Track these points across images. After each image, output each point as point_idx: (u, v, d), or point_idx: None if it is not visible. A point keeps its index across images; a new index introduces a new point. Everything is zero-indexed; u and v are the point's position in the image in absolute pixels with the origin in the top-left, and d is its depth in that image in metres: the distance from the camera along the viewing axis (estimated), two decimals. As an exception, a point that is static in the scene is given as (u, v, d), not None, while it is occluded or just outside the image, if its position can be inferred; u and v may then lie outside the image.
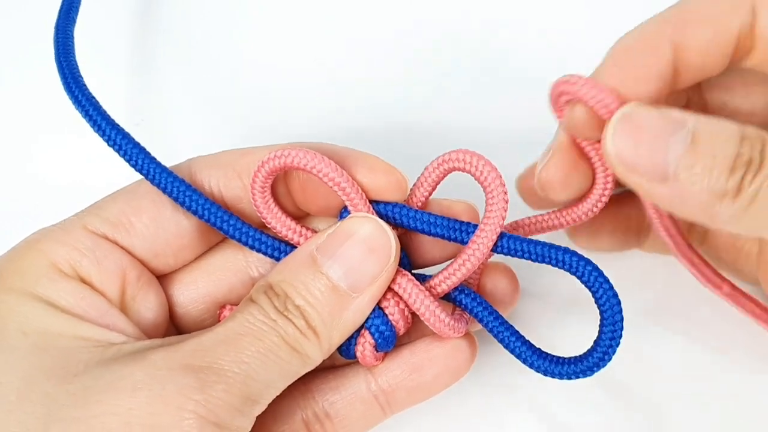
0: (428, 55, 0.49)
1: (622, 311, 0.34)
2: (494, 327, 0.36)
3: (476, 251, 0.35)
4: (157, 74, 0.51)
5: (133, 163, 0.37)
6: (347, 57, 0.50)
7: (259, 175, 0.35)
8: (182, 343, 0.33)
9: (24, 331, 0.34)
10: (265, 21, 0.51)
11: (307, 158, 0.35)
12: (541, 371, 0.36)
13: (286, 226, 0.37)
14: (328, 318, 0.34)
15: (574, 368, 0.35)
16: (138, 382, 0.31)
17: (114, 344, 0.34)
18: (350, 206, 0.36)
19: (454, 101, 0.48)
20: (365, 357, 0.37)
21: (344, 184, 0.35)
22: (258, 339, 0.33)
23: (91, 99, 0.38)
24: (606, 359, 0.34)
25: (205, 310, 0.39)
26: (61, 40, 0.41)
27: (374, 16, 0.51)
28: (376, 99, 0.49)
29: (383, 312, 0.36)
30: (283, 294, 0.34)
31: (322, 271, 0.34)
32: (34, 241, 0.36)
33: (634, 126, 0.33)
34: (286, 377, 0.34)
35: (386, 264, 0.35)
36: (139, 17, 0.52)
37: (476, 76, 0.48)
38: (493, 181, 0.35)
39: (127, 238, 0.37)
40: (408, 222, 0.36)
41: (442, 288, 0.36)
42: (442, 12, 0.50)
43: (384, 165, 0.36)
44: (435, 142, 0.42)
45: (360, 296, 0.35)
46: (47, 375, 0.32)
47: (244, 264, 0.39)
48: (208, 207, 0.36)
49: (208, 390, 0.31)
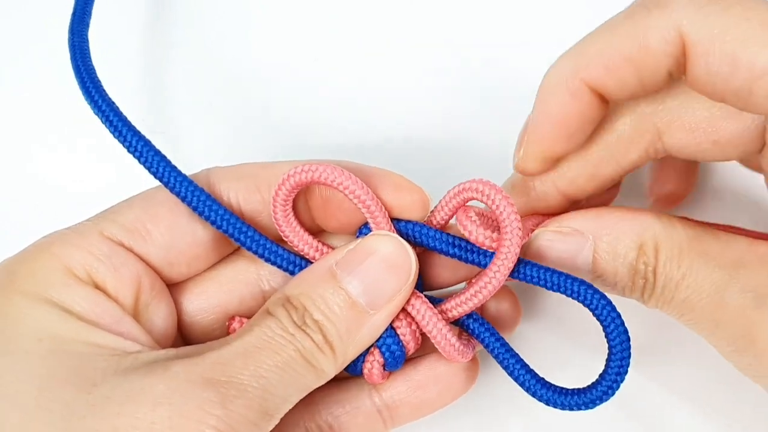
0: (443, 67, 0.50)
1: (630, 348, 0.35)
2: (500, 354, 0.37)
3: (493, 279, 0.36)
4: (169, 80, 0.51)
5: (154, 171, 0.36)
6: (365, 67, 0.50)
7: (283, 188, 0.36)
8: (202, 355, 0.33)
9: (38, 336, 0.33)
10: (282, 30, 0.51)
11: (334, 174, 0.35)
12: (543, 401, 0.36)
13: (303, 240, 0.37)
14: (345, 334, 0.34)
15: (577, 400, 0.35)
16: (159, 395, 0.31)
17: (129, 353, 0.34)
18: (372, 224, 0.36)
19: (468, 115, 0.48)
20: (372, 375, 0.37)
21: (369, 201, 0.35)
22: (275, 353, 0.33)
23: (112, 105, 0.38)
24: (610, 393, 0.35)
25: (214, 321, 0.39)
26: (77, 44, 0.40)
27: (391, 27, 0.52)
28: (390, 108, 0.49)
29: (395, 332, 0.36)
30: (301, 307, 0.34)
31: (341, 286, 0.35)
32: (47, 244, 0.36)
33: (538, 255, 0.37)
34: (300, 391, 0.34)
35: (405, 283, 0.35)
36: (150, 21, 0.52)
37: (488, 94, 0.48)
38: (505, 209, 0.35)
39: (143, 245, 0.37)
40: (428, 241, 0.37)
41: (455, 312, 0.37)
42: (458, 27, 0.51)
43: (409, 183, 0.37)
44: (451, 155, 0.43)
45: (377, 314, 0.35)
46: (64, 383, 0.32)
47: (255, 277, 0.39)
48: (227, 218, 0.36)
49: (228, 405, 0.31)
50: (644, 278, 0.36)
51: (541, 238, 0.37)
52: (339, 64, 0.50)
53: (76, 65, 0.39)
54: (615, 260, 0.36)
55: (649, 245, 0.36)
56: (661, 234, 0.36)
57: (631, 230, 0.36)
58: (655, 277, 0.36)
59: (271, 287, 0.39)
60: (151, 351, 0.34)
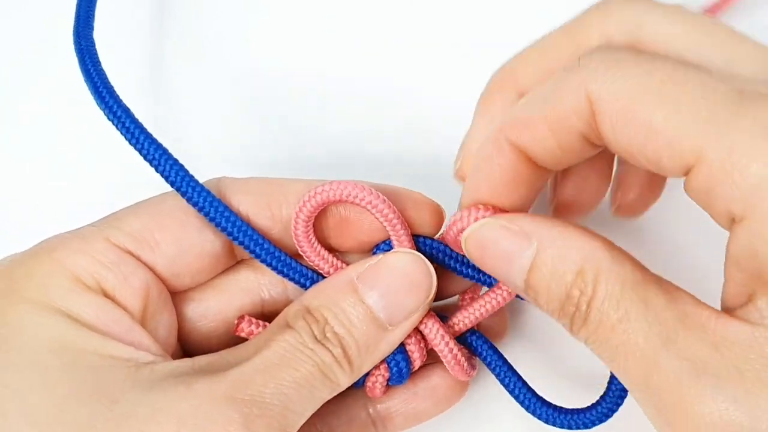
0: (445, 67, 0.51)
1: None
2: (501, 371, 0.38)
3: (499, 296, 0.38)
4: (174, 84, 0.51)
5: (171, 179, 0.36)
6: (374, 67, 0.51)
7: (308, 204, 0.36)
8: (224, 373, 0.33)
9: (50, 348, 0.32)
10: (286, 30, 0.52)
11: (363, 193, 0.36)
12: (543, 419, 0.37)
13: (321, 257, 0.37)
14: (364, 348, 0.35)
15: (576, 419, 0.37)
16: (183, 414, 0.31)
17: (143, 364, 0.33)
18: (396, 241, 0.37)
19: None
20: (375, 389, 0.38)
21: (395, 220, 0.36)
22: (295, 369, 0.33)
23: (126, 110, 0.37)
24: (610, 414, 0.36)
25: (214, 328, 0.39)
26: (85, 48, 0.40)
27: (395, 26, 0.52)
28: (394, 107, 0.50)
29: (405, 348, 0.37)
30: (322, 320, 0.34)
31: (362, 300, 0.35)
32: (50, 249, 0.35)
33: (479, 243, 0.35)
34: (315, 405, 0.34)
35: (424, 301, 0.36)
36: (151, 21, 0.52)
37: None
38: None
39: (151, 255, 0.36)
40: (444, 259, 0.38)
41: (460, 327, 0.38)
42: (466, 31, 0.52)
43: (427, 200, 0.38)
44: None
45: (395, 330, 0.36)
46: (82, 398, 0.31)
47: (255, 285, 0.39)
48: (244, 229, 0.36)
49: (251, 425, 0.31)
50: (576, 307, 0.32)
51: (488, 228, 0.35)
52: (347, 64, 0.51)
53: (86, 69, 0.39)
54: (551, 277, 0.33)
55: (589, 274, 0.32)
56: (606, 265, 0.32)
57: (577, 251, 0.32)
58: (588, 310, 0.32)
59: (271, 296, 0.40)
60: (166, 362, 0.34)
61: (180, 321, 0.39)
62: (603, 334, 0.32)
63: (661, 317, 0.31)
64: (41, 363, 0.32)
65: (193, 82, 0.51)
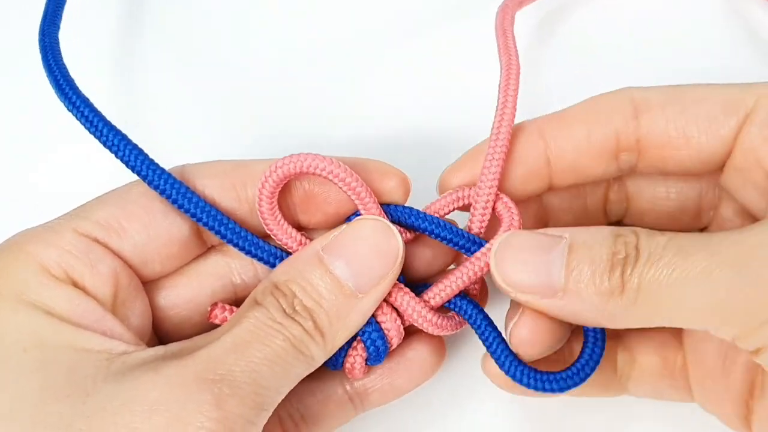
0: (434, 67, 0.51)
1: (605, 333, 0.36)
2: (484, 329, 0.37)
3: (476, 265, 0.37)
4: (145, 76, 0.51)
5: (132, 165, 0.36)
6: (338, 60, 0.51)
7: (269, 180, 0.36)
8: (192, 354, 0.32)
9: (23, 346, 0.32)
10: (259, 22, 0.52)
11: (323, 164, 0.35)
12: (518, 380, 0.36)
13: (288, 234, 0.37)
14: (335, 318, 0.34)
15: (553, 384, 0.36)
16: (153, 401, 0.31)
17: (117, 354, 0.33)
18: (363, 210, 0.37)
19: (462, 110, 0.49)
20: (354, 370, 0.37)
21: (359, 188, 0.36)
22: (265, 344, 0.33)
23: (85, 100, 0.38)
24: (583, 377, 0.36)
25: (187, 316, 0.39)
26: (48, 44, 0.41)
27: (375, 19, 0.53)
28: (365, 105, 0.50)
29: (380, 325, 0.37)
30: (290, 293, 0.34)
31: (329, 270, 0.35)
32: (18, 243, 0.35)
33: (513, 249, 0.35)
34: (291, 381, 0.34)
35: (392, 266, 0.36)
36: (126, 16, 0.52)
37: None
38: (506, 211, 0.38)
39: (119, 242, 0.36)
40: (417, 223, 0.37)
41: (438, 299, 0.38)
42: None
43: (391, 168, 0.38)
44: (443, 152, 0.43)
45: (365, 297, 0.35)
46: (57, 395, 0.31)
47: (226, 270, 0.39)
48: (207, 210, 0.36)
49: (224, 406, 0.31)
50: (626, 253, 0.33)
51: (517, 234, 0.36)
52: (318, 58, 0.51)
53: (48, 64, 0.39)
54: (591, 246, 0.34)
55: (626, 232, 0.34)
56: (637, 229, 0.34)
57: (608, 230, 0.34)
58: (637, 251, 0.33)
59: (243, 280, 0.40)
60: (139, 351, 0.34)
61: (154, 310, 0.39)
62: (658, 258, 0.32)
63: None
64: (14, 362, 0.32)
65: (159, 73, 0.51)
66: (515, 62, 0.40)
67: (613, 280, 0.33)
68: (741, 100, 0.36)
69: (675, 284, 0.32)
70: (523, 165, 0.38)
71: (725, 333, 0.33)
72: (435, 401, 0.43)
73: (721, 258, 0.32)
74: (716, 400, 0.39)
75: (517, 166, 0.38)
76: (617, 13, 0.52)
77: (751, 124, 0.36)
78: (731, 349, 0.38)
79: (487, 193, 0.37)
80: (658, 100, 0.37)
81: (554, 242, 0.34)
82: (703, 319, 0.33)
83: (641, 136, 0.37)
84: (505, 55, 0.40)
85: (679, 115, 0.37)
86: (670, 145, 0.37)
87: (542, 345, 0.36)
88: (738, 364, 0.38)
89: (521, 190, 0.39)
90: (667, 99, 0.37)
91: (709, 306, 0.32)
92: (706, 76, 0.39)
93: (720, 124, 0.36)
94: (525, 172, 0.38)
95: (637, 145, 0.38)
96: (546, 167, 0.38)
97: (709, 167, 0.38)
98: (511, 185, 0.38)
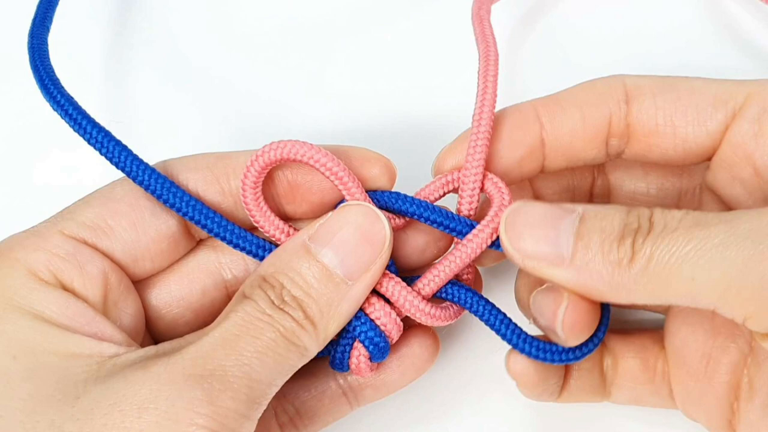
0: (421, 62, 0.51)
1: (610, 307, 0.36)
2: (484, 310, 0.37)
3: (469, 247, 0.36)
4: (132, 76, 0.51)
5: (116, 161, 0.36)
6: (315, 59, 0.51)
7: (252, 168, 0.35)
8: (181, 351, 0.32)
9: (12, 353, 0.32)
10: (242, 21, 0.52)
11: (304, 149, 0.35)
12: (526, 353, 0.36)
13: (274, 225, 0.37)
14: (326, 307, 0.34)
15: (561, 355, 0.36)
16: (143, 400, 0.31)
17: (108, 357, 0.33)
18: (348, 196, 0.36)
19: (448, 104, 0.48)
20: (360, 369, 0.37)
21: (342, 173, 0.35)
22: (255, 337, 0.32)
23: (69, 98, 0.37)
24: (591, 347, 0.35)
25: (179, 315, 0.39)
26: (36, 46, 0.41)
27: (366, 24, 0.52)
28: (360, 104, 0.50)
29: (375, 323, 0.36)
30: (278, 285, 0.34)
31: (317, 259, 0.34)
32: (4, 249, 0.35)
33: (524, 215, 0.35)
34: (284, 373, 0.34)
35: (381, 251, 0.35)
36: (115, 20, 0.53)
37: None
38: (496, 190, 0.37)
39: (107, 242, 0.36)
40: (405, 207, 0.37)
41: (431, 287, 0.37)
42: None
43: (375, 154, 0.37)
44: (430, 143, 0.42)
45: (355, 284, 0.35)
46: (48, 401, 0.31)
47: (216, 266, 0.39)
48: (193, 204, 0.36)
49: (216, 401, 0.31)
50: (638, 224, 0.32)
51: (531, 204, 0.35)
52: (299, 48, 0.51)
53: (34, 64, 0.40)
54: (604, 217, 0.33)
55: (642, 208, 0.34)
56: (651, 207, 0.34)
57: (622, 206, 0.34)
58: (651, 223, 0.32)
59: (233, 276, 0.39)
60: (130, 352, 0.33)
61: (146, 310, 0.39)
62: (673, 228, 0.32)
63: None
64: (3, 370, 0.32)
65: (152, 74, 0.51)
66: (493, 48, 0.40)
67: (622, 250, 0.32)
68: (731, 95, 0.36)
69: (689, 256, 0.31)
70: (521, 146, 0.38)
71: (736, 312, 0.32)
72: (432, 398, 0.43)
73: (741, 231, 0.31)
74: (699, 404, 0.38)
75: (515, 148, 0.38)
76: (596, 4, 0.52)
77: (742, 119, 0.36)
78: (715, 350, 0.37)
79: (474, 173, 0.37)
80: (650, 88, 0.37)
81: (567, 212, 0.34)
82: (716, 294, 0.31)
83: (631, 122, 0.37)
84: (483, 42, 0.40)
85: (668, 104, 0.37)
86: (657, 132, 0.37)
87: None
88: (722, 365, 0.37)
89: (517, 172, 0.38)
90: (659, 87, 0.37)
91: (724, 281, 0.31)
92: (686, 72, 0.39)
93: (708, 116, 0.36)
94: (522, 153, 0.38)
95: (627, 131, 0.38)
96: (541, 149, 0.38)
97: (692, 159, 0.37)
98: (507, 166, 0.38)
